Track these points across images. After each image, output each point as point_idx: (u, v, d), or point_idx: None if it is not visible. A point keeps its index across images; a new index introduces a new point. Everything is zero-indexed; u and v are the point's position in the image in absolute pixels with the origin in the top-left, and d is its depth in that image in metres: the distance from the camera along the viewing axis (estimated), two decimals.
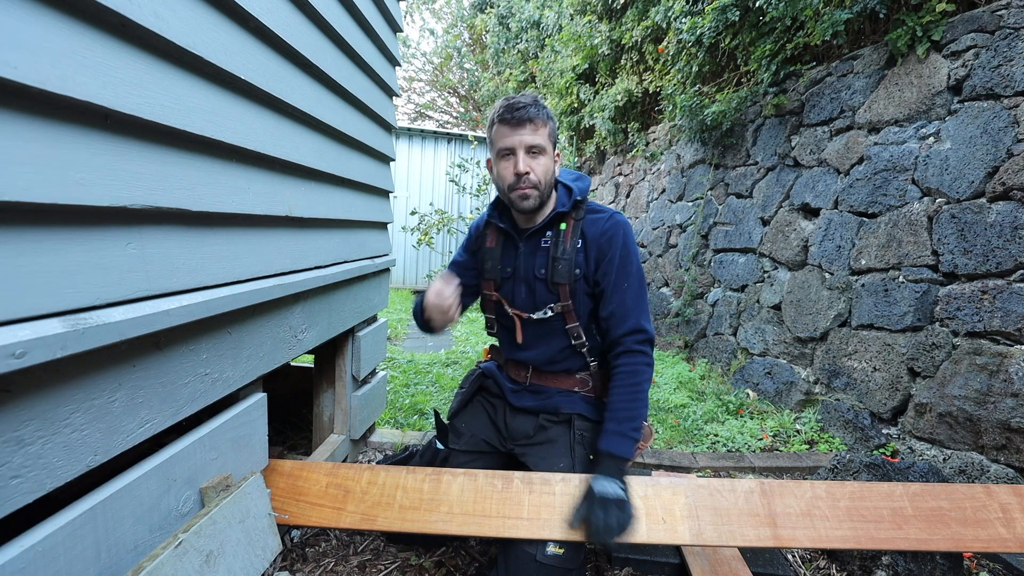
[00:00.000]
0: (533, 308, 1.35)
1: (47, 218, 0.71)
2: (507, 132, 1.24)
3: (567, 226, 1.32)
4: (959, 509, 1.20)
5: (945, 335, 2.12)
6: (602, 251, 1.31)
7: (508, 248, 1.39)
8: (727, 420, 2.79)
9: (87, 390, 0.77)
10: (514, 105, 1.23)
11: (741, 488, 1.26)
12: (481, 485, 1.26)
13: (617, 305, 1.30)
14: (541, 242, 1.34)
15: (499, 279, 1.39)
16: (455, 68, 12.91)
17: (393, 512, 1.22)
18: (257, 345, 1.23)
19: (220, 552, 1.00)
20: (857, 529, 1.17)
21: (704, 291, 3.97)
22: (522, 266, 1.35)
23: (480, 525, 1.19)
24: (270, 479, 1.30)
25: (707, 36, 3.53)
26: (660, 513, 1.22)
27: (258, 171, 1.22)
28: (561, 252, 1.30)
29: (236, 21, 1.10)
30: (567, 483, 1.24)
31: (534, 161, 1.25)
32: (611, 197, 5.98)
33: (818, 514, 1.20)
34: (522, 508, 1.21)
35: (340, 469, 1.32)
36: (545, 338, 1.38)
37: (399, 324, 5.18)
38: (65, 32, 0.71)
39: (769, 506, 1.22)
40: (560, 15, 6.90)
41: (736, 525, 1.19)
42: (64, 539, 0.73)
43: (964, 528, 1.17)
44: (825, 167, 2.89)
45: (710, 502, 1.23)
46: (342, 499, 1.26)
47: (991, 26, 2.11)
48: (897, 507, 1.21)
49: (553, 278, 1.30)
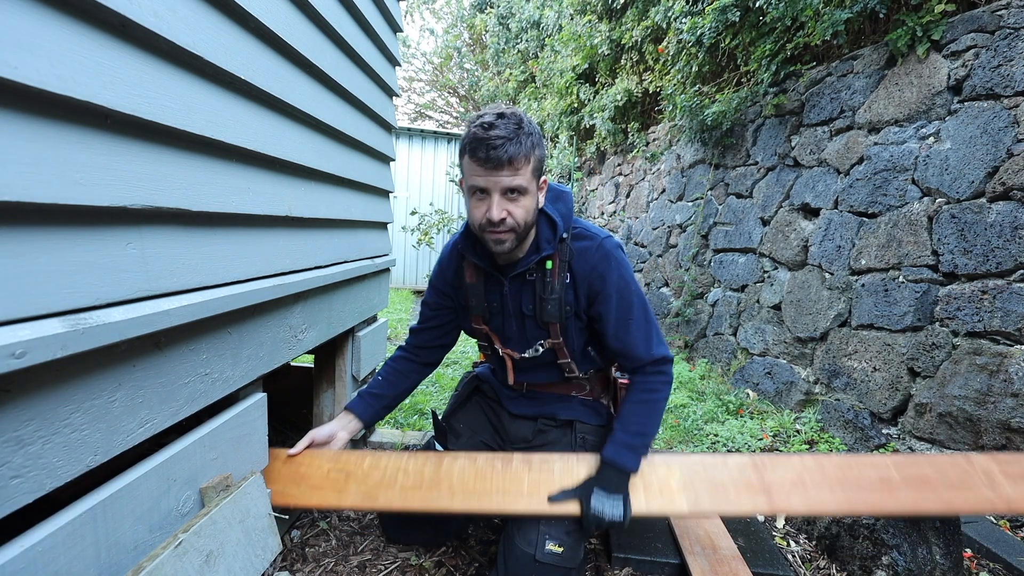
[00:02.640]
0: (524, 345, 1.30)
1: (47, 218, 0.71)
2: (479, 171, 1.04)
3: (553, 265, 1.20)
4: (944, 475, 1.22)
5: (945, 335, 2.12)
6: (594, 288, 1.21)
7: (491, 283, 1.27)
8: (727, 420, 2.79)
9: (87, 390, 0.77)
10: (490, 142, 1.00)
11: (733, 462, 1.28)
12: (481, 466, 1.28)
13: (626, 343, 1.23)
14: (526, 276, 1.23)
15: (487, 314, 1.31)
16: (455, 68, 12.90)
17: (394, 492, 1.24)
18: (257, 345, 1.23)
19: (220, 552, 1.00)
20: (849, 495, 1.19)
21: (704, 291, 3.97)
22: (510, 303, 1.26)
23: (481, 501, 1.21)
24: (273, 465, 1.31)
25: (707, 36, 3.53)
26: (657, 486, 1.24)
27: (258, 171, 1.22)
28: (548, 292, 1.20)
29: (236, 21, 1.10)
30: (565, 462, 1.27)
31: (513, 204, 1.06)
32: (611, 197, 5.99)
33: (810, 483, 1.22)
34: (522, 484, 1.23)
35: (342, 455, 1.34)
36: (536, 370, 1.36)
37: (399, 324, 5.18)
38: (65, 32, 0.71)
39: (762, 477, 1.24)
40: (560, 15, 6.90)
41: (732, 495, 1.21)
42: (64, 539, 0.73)
43: (952, 492, 1.19)
44: (825, 167, 2.89)
45: (704, 475, 1.25)
46: (344, 481, 1.27)
47: (991, 26, 2.11)
48: (884, 475, 1.23)
49: (542, 317, 1.22)
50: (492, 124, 1.02)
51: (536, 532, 1.20)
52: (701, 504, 1.20)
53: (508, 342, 1.33)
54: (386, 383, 1.46)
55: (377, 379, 1.47)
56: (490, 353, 1.43)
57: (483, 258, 1.23)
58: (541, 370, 1.37)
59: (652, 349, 1.23)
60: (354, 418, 1.41)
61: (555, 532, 1.20)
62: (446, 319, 1.44)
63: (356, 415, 1.42)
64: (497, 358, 1.39)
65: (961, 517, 1.58)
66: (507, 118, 1.03)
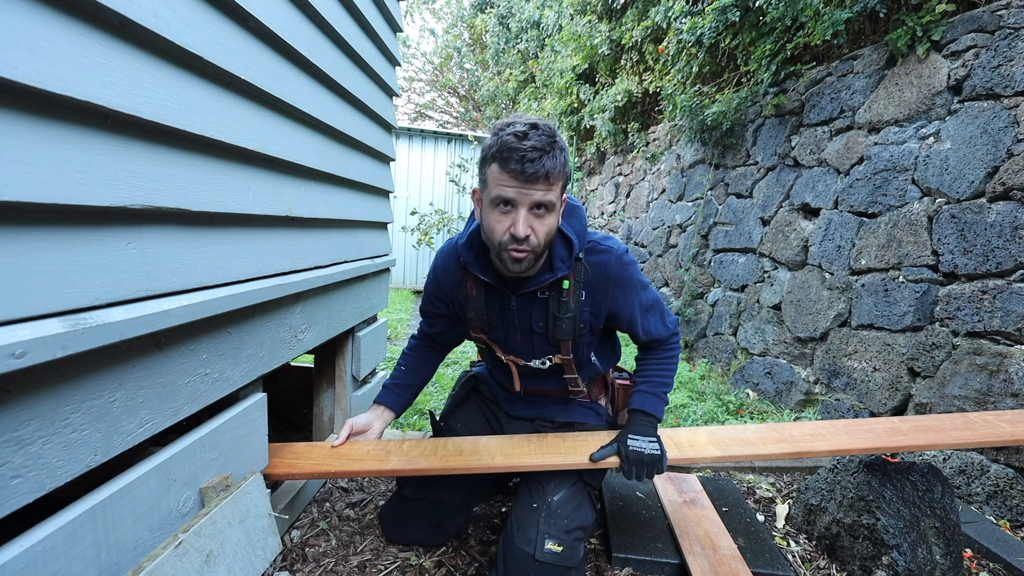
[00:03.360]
0: (530, 356, 1.28)
1: (47, 218, 0.71)
2: (510, 182, 0.98)
3: (569, 285, 1.16)
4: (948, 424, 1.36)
5: (945, 335, 2.12)
6: (613, 298, 1.21)
7: (493, 297, 1.22)
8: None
9: (87, 390, 0.77)
10: (525, 154, 0.95)
11: (752, 427, 1.43)
12: (516, 441, 1.36)
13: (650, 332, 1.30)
14: (537, 293, 1.18)
15: (487, 327, 1.27)
16: (455, 68, 12.90)
17: (436, 459, 1.30)
18: (257, 345, 1.23)
19: (220, 552, 1.00)
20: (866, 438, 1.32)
21: (704, 291, 3.97)
22: (516, 318, 1.21)
23: (521, 459, 1.27)
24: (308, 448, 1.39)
25: (707, 36, 3.53)
26: (688, 443, 1.35)
27: (258, 171, 1.22)
28: (563, 312, 1.16)
29: (236, 21, 1.10)
30: (598, 435, 1.35)
31: (538, 221, 1.01)
32: (611, 197, 5.99)
33: (824, 434, 1.36)
34: (559, 448, 1.30)
35: (382, 442, 1.41)
36: (539, 379, 1.38)
37: (399, 324, 5.18)
38: (65, 32, 0.71)
39: (782, 434, 1.39)
40: (560, 15, 6.90)
41: (759, 445, 1.34)
42: (64, 539, 0.73)
43: (958, 432, 1.32)
44: (825, 167, 2.89)
45: (730, 435, 1.40)
46: (384, 456, 1.33)
47: (991, 26, 2.11)
48: (893, 427, 1.38)
49: (555, 335, 1.19)
50: (526, 134, 0.96)
51: (535, 531, 1.20)
52: (730, 450, 1.29)
53: (512, 352, 1.31)
54: (409, 372, 1.49)
55: (400, 369, 1.49)
56: (489, 356, 1.43)
57: (488, 272, 1.17)
58: (545, 379, 1.37)
59: (669, 326, 1.31)
60: (386, 409, 1.46)
61: (554, 531, 1.20)
62: (447, 326, 1.43)
63: (387, 406, 1.46)
64: (500, 364, 1.39)
65: (961, 517, 1.58)
66: (540, 130, 0.98)
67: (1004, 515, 1.83)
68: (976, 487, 1.94)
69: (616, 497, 1.73)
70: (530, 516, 1.23)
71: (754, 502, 1.88)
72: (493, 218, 1.03)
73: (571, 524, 1.22)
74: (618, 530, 1.55)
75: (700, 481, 1.85)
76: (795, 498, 1.83)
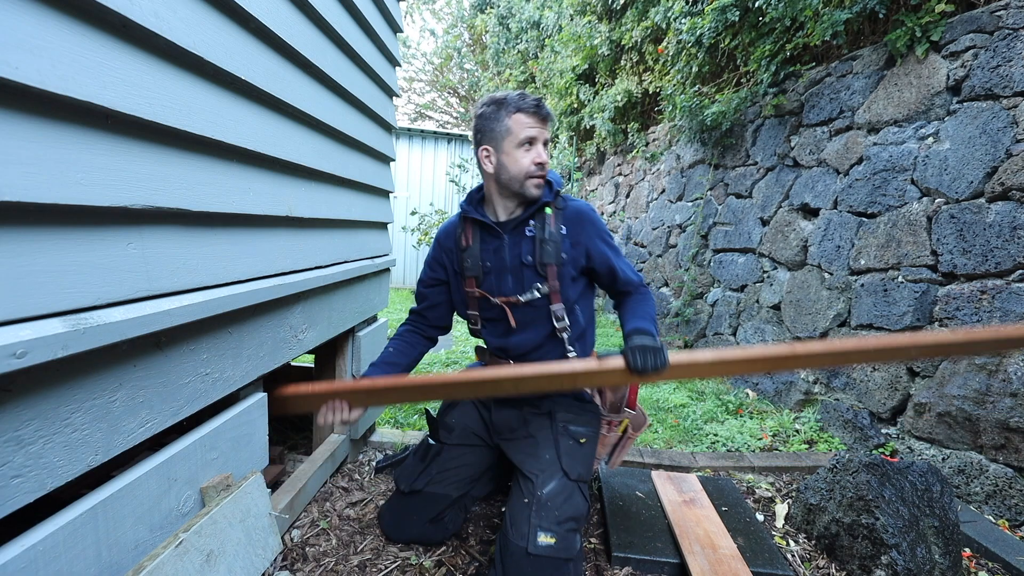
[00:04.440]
0: (522, 290, 1.38)
1: (47, 218, 0.71)
2: (533, 123, 1.29)
3: (552, 212, 1.37)
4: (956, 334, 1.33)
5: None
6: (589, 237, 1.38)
7: (487, 242, 1.40)
8: (726, 420, 2.79)
9: (88, 390, 0.77)
10: (537, 100, 1.30)
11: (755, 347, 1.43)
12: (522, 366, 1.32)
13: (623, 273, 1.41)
14: (525, 231, 1.37)
15: (480, 275, 1.41)
16: (455, 68, 12.90)
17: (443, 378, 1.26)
18: (257, 345, 1.23)
19: (220, 551, 1.01)
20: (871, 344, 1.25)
21: (704, 291, 3.97)
22: (508, 256, 1.37)
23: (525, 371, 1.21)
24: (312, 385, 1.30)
25: (707, 36, 3.53)
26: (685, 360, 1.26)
27: (258, 171, 1.22)
28: (548, 236, 1.35)
29: (236, 21, 1.10)
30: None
31: (546, 152, 1.33)
32: (611, 197, 5.99)
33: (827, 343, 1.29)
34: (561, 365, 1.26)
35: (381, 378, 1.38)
36: (531, 324, 1.40)
37: (399, 324, 5.19)
38: (66, 32, 0.71)
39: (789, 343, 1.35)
40: (560, 15, 6.90)
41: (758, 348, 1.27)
42: (65, 539, 0.74)
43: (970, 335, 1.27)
44: (824, 167, 2.89)
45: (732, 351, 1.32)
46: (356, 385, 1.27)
47: (990, 26, 2.11)
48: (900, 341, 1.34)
49: (542, 259, 1.34)
50: (524, 95, 1.29)
51: (527, 525, 1.21)
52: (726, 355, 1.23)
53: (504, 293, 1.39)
54: (398, 353, 1.51)
55: (388, 351, 1.50)
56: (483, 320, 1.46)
57: (487, 217, 1.40)
58: (535, 324, 1.39)
59: (639, 277, 1.44)
60: None
61: (546, 523, 1.21)
62: (441, 298, 1.51)
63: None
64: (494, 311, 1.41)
65: (960, 517, 1.58)
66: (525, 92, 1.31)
67: (1003, 514, 1.83)
68: (975, 486, 1.94)
69: (616, 497, 1.73)
70: (521, 511, 1.25)
71: (753, 501, 1.88)
72: (519, 155, 1.30)
73: (563, 515, 1.23)
74: (618, 529, 1.55)
75: (700, 481, 1.85)
76: (794, 497, 1.83)
